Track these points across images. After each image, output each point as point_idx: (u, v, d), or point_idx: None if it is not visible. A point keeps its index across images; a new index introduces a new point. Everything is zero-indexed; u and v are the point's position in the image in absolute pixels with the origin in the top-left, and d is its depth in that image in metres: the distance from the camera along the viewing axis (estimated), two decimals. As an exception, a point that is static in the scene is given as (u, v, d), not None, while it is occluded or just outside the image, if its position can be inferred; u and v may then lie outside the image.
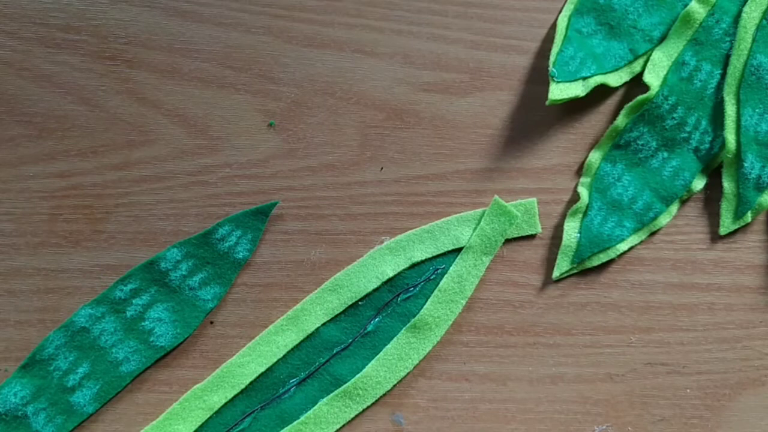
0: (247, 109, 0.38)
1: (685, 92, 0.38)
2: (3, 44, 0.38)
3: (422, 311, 0.37)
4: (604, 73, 0.38)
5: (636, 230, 0.38)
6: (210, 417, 0.36)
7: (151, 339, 0.36)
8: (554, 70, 0.37)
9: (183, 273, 0.36)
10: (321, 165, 0.38)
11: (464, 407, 0.37)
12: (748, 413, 0.37)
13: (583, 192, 0.38)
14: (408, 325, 0.37)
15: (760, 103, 0.38)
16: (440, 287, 0.37)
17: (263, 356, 0.36)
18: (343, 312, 0.37)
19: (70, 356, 0.35)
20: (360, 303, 0.37)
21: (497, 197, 0.37)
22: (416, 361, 0.37)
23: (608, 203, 0.38)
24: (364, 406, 0.36)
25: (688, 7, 0.38)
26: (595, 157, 0.38)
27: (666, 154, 0.38)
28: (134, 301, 0.36)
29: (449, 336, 0.37)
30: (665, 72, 0.38)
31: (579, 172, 0.39)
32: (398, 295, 0.37)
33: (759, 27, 0.38)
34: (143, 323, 0.36)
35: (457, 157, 0.38)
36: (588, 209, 0.38)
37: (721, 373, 0.37)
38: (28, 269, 0.37)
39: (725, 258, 0.38)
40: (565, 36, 0.38)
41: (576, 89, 0.37)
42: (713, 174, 0.38)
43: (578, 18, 0.39)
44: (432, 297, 0.37)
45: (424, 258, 0.37)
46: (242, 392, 0.36)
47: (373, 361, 0.36)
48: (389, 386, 0.36)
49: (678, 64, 0.38)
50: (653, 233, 0.38)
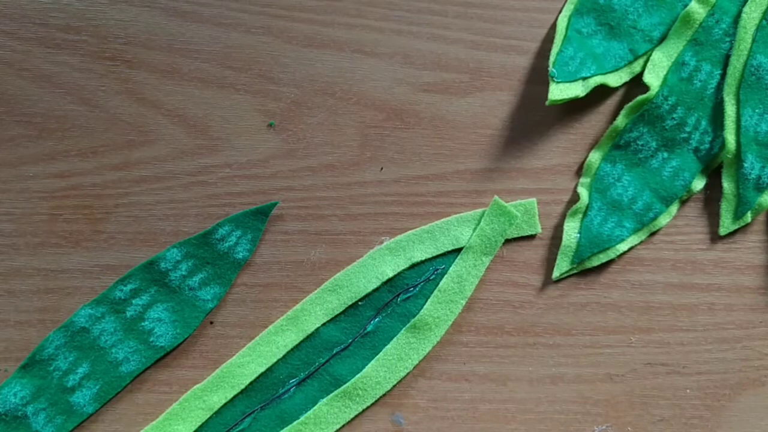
0: (247, 109, 0.38)
1: (685, 92, 0.38)
2: (3, 44, 0.38)
3: (422, 311, 0.37)
4: (604, 74, 0.38)
5: (636, 230, 0.38)
6: (210, 417, 0.36)
7: (151, 339, 0.36)
8: (554, 71, 0.37)
9: (183, 273, 0.36)
10: (321, 165, 0.38)
11: (464, 407, 0.37)
12: (748, 413, 0.37)
13: (583, 192, 0.38)
14: (408, 326, 0.37)
15: (760, 104, 0.38)
16: (440, 287, 0.37)
17: (263, 356, 0.36)
18: (343, 312, 0.37)
19: (70, 356, 0.35)
20: (360, 303, 0.37)
21: (497, 197, 0.37)
22: (416, 362, 0.37)
23: (608, 203, 0.38)
24: (364, 407, 0.36)
25: (688, 8, 0.38)
26: (595, 158, 0.38)
27: (666, 155, 0.38)
28: (134, 301, 0.36)
29: (449, 336, 0.37)
30: (665, 72, 0.38)
31: (579, 173, 0.39)
32: (398, 296, 0.37)
33: (759, 27, 0.38)
34: (143, 323, 0.36)
35: (457, 157, 0.38)
36: (588, 209, 0.38)
37: (721, 373, 0.37)
38: (28, 269, 0.37)
39: (725, 258, 0.38)
40: (565, 36, 0.38)
41: (576, 89, 0.37)
42: (713, 174, 0.38)
43: (578, 18, 0.39)
44: (432, 297, 0.37)
45: (424, 258, 0.37)
46: (242, 392, 0.36)
47: (373, 362, 0.36)
48: (389, 386, 0.36)
49: (678, 65, 0.38)
50: (653, 233, 0.38)
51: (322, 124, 0.38)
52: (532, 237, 0.38)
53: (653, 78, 0.38)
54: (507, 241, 0.38)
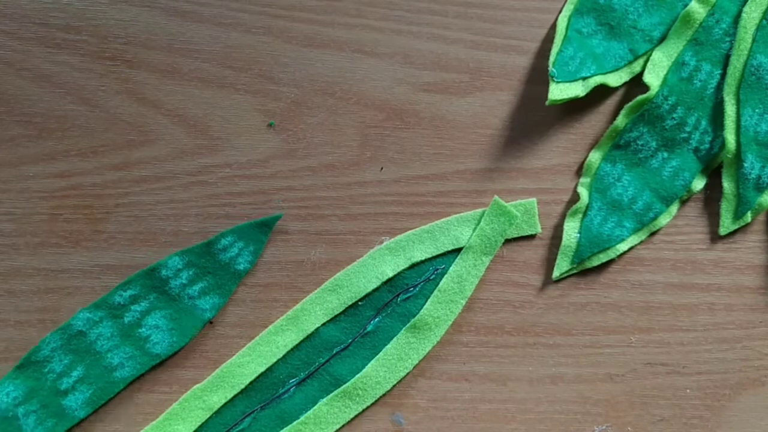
0: (247, 109, 0.38)
1: (685, 92, 0.38)
2: (3, 44, 0.38)
3: (422, 311, 0.37)
4: (604, 73, 0.38)
5: (636, 230, 0.38)
6: (210, 417, 0.36)
7: (147, 346, 0.36)
8: (554, 70, 0.37)
9: (183, 282, 0.36)
10: (321, 165, 0.38)
11: (464, 407, 0.37)
12: (748, 413, 0.37)
13: (583, 192, 0.38)
14: (408, 325, 0.37)
15: (760, 103, 0.38)
16: (440, 287, 0.37)
17: (263, 356, 0.36)
18: (343, 312, 0.37)
19: (65, 359, 0.35)
20: (360, 303, 0.37)
21: (497, 197, 0.37)
22: (416, 361, 0.37)
23: (608, 203, 0.38)
24: (364, 406, 0.36)
25: (688, 7, 0.38)
26: (595, 157, 0.38)
27: (666, 154, 0.38)
28: (133, 308, 0.36)
29: (449, 336, 0.37)
30: (665, 72, 0.38)
31: (579, 172, 0.39)
32: (398, 295, 0.37)
33: (759, 27, 0.38)
34: (140, 330, 0.36)
35: (457, 157, 0.38)
36: (588, 209, 0.38)
37: (721, 373, 0.37)
38: (28, 269, 0.37)
39: (725, 258, 0.38)
40: (565, 36, 0.38)
41: (576, 89, 0.37)
42: (713, 174, 0.38)
43: (578, 18, 0.39)
44: (432, 297, 0.37)
45: (424, 258, 0.37)
46: (242, 392, 0.36)
47: (373, 361, 0.36)
48: (389, 386, 0.36)
49: (678, 64, 0.38)
50: (653, 233, 0.38)
51: (322, 124, 0.38)
52: (532, 237, 0.38)
53: (653, 78, 0.38)
54: (507, 241, 0.38)
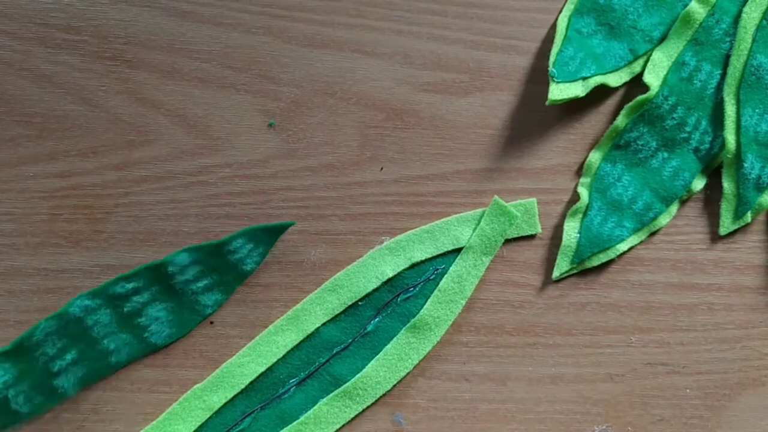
0: (247, 109, 0.38)
1: (685, 92, 0.38)
2: (3, 44, 0.38)
3: (422, 311, 0.37)
4: (604, 74, 0.38)
5: (636, 230, 0.38)
6: (210, 417, 0.36)
7: (145, 335, 0.36)
8: (554, 71, 0.37)
9: (188, 277, 0.36)
10: (321, 165, 0.38)
11: (464, 407, 0.37)
12: (748, 413, 0.37)
13: (583, 192, 0.38)
14: (408, 325, 0.37)
15: (760, 104, 0.38)
16: (440, 287, 0.37)
17: (263, 356, 0.36)
18: (343, 312, 0.37)
19: (59, 343, 0.35)
20: (360, 303, 0.37)
21: (497, 197, 0.37)
22: (416, 361, 0.37)
23: (608, 203, 0.38)
24: (364, 406, 0.36)
25: (688, 8, 0.38)
26: (595, 158, 0.38)
27: (666, 155, 0.38)
28: (134, 299, 0.36)
29: (449, 336, 0.37)
30: (665, 72, 0.38)
31: (579, 172, 0.39)
32: (398, 295, 0.37)
33: (759, 27, 0.38)
34: (140, 319, 0.36)
35: (457, 157, 0.38)
36: (588, 209, 0.38)
37: (721, 373, 0.37)
38: (28, 269, 0.37)
39: (725, 258, 0.38)
40: (565, 36, 0.38)
41: (576, 89, 0.37)
42: (713, 174, 0.38)
43: (578, 18, 0.39)
44: (432, 297, 0.37)
45: (424, 258, 0.37)
46: (242, 392, 0.36)
47: (373, 361, 0.36)
48: (389, 386, 0.36)
49: (678, 65, 0.38)
50: (653, 233, 0.38)
51: (322, 124, 0.38)
52: (532, 237, 0.38)
53: (653, 78, 0.38)
54: (507, 241, 0.38)
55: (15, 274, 0.37)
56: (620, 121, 0.38)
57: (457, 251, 0.38)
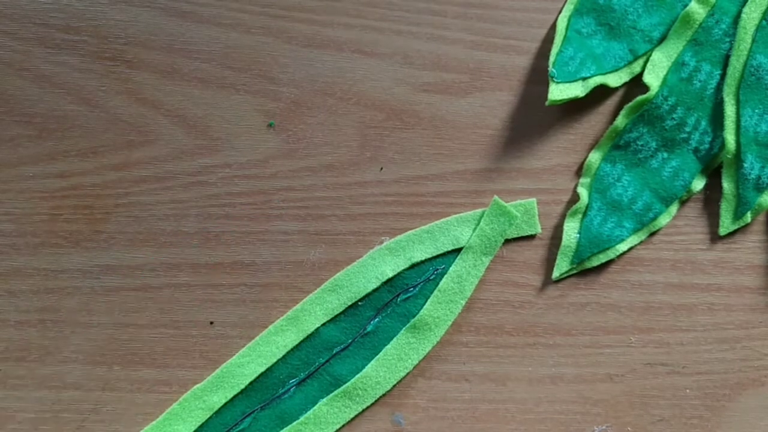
0: (247, 109, 0.38)
1: (685, 93, 0.38)
2: (3, 44, 0.38)
3: (422, 311, 0.37)
4: (604, 74, 0.38)
5: (636, 231, 0.38)
6: (210, 417, 0.36)
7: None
8: (554, 71, 0.37)
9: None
10: (321, 165, 0.38)
11: (464, 407, 0.37)
12: (748, 413, 0.37)
13: (583, 192, 0.38)
14: (408, 326, 0.37)
15: (760, 104, 0.38)
16: (440, 287, 0.37)
17: (263, 356, 0.36)
18: (343, 312, 0.37)
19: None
20: (360, 303, 0.37)
21: (497, 197, 0.37)
22: (416, 362, 0.37)
23: (608, 204, 0.38)
24: (364, 407, 0.36)
25: (688, 8, 0.38)
26: (595, 158, 0.38)
27: (666, 155, 0.38)
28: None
29: (449, 336, 0.37)
30: (665, 72, 0.38)
31: (579, 173, 0.39)
32: (398, 296, 0.37)
33: (759, 27, 0.38)
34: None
35: (457, 157, 0.38)
36: (588, 209, 0.38)
37: (721, 373, 0.37)
38: (28, 269, 0.37)
39: (725, 258, 0.38)
40: (565, 36, 0.38)
41: (576, 90, 0.37)
42: (713, 174, 0.38)
43: (578, 18, 0.39)
44: (432, 297, 0.37)
45: (424, 258, 0.37)
46: (242, 392, 0.36)
47: (373, 362, 0.36)
48: (389, 386, 0.36)
49: (678, 65, 0.38)
50: (653, 233, 0.38)
51: (322, 124, 0.38)
52: (532, 237, 0.38)
53: (653, 78, 0.38)
54: (507, 241, 0.38)
55: (15, 274, 0.37)
56: (620, 122, 0.38)
57: (457, 251, 0.38)
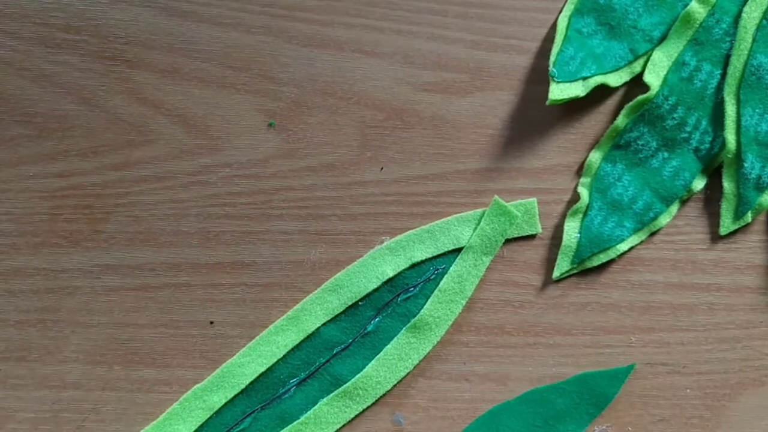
0: (247, 109, 0.38)
1: (686, 92, 0.38)
2: (3, 44, 0.38)
3: (422, 311, 0.37)
4: (604, 73, 0.38)
5: (636, 230, 0.38)
6: (210, 417, 0.36)
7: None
8: (554, 70, 0.37)
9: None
10: (321, 165, 0.38)
11: (464, 407, 0.37)
12: (748, 413, 0.37)
13: (583, 192, 0.38)
14: (408, 325, 0.37)
15: (760, 103, 0.38)
16: (440, 287, 0.37)
17: (263, 356, 0.36)
18: (343, 312, 0.37)
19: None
20: (360, 303, 0.37)
21: (497, 197, 0.37)
22: (416, 361, 0.37)
23: (608, 203, 0.38)
24: (364, 406, 0.36)
25: (688, 7, 0.38)
26: (595, 157, 0.38)
27: (666, 154, 0.38)
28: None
29: (449, 336, 0.37)
30: (665, 72, 0.38)
31: (579, 172, 0.39)
32: (398, 295, 0.37)
33: (759, 27, 0.38)
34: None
35: (457, 157, 0.38)
36: (588, 209, 0.38)
37: (721, 373, 0.37)
38: (28, 269, 0.37)
39: (725, 258, 0.38)
40: (565, 36, 0.38)
41: (576, 89, 0.37)
42: (713, 174, 0.38)
43: (578, 18, 0.39)
44: (432, 297, 0.37)
45: (424, 258, 0.37)
46: (242, 392, 0.36)
47: (373, 361, 0.36)
48: (389, 386, 0.36)
49: (678, 64, 0.38)
50: (653, 233, 0.38)
51: (322, 124, 0.38)
52: (532, 237, 0.38)
53: (653, 78, 0.38)
54: (507, 241, 0.38)
55: (15, 274, 0.37)
56: (620, 121, 0.38)
57: (458, 251, 0.38)
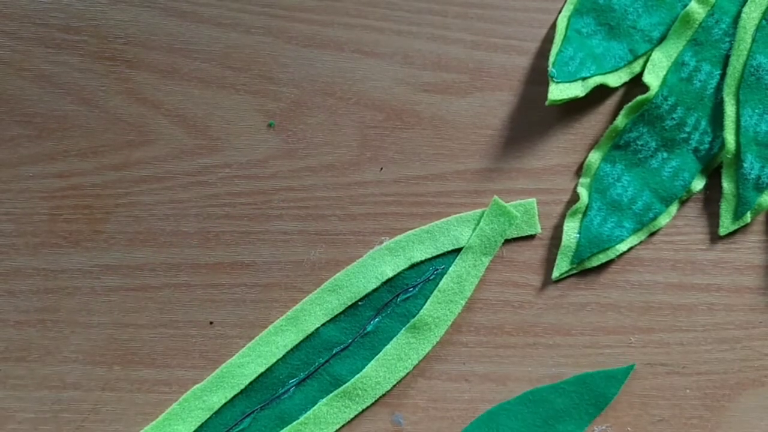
0: (247, 109, 0.38)
1: (685, 92, 0.38)
2: (3, 44, 0.38)
3: (422, 311, 0.37)
4: (604, 74, 0.38)
5: (635, 231, 0.38)
6: (210, 417, 0.36)
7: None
8: (554, 71, 0.37)
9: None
10: (321, 165, 0.38)
11: (464, 407, 0.37)
12: (748, 413, 0.37)
13: (583, 192, 0.38)
14: (407, 326, 0.37)
15: (760, 104, 0.38)
16: (440, 287, 0.37)
17: (263, 356, 0.36)
18: (343, 312, 0.37)
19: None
20: (359, 303, 0.37)
21: (497, 197, 0.37)
22: (416, 362, 0.37)
23: (608, 203, 0.38)
24: (364, 407, 0.36)
25: (688, 8, 0.38)
26: (595, 158, 0.38)
27: (665, 155, 0.38)
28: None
29: (449, 336, 0.37)
30: (665, 72, 0.38)
31: (579, 173, 0.39)
32: (398, 296, 0.37)
33: (759, 27, 0.38)
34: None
35: (457, 157, 0.38)
36: (587, 209, 0.38)
37: (721, 374, 0.37)
38: (28, 269, 0.37)
39: (725, 258, 0.38)
40: (565, 36, 0.38)
41: (576, 89, 0.37)
42: (713, 174, 0.38)
43: (578, 18, 0.39)
44: (431, 297, 0.37)
45: (424, 258, 0.37)
46: (242, 392, 0.36)
47: (373, 362, 0.36)
48: (389, 386, 0.36)
49: (678, 65, 0.38)
50: (653, 234, 0.38)
51: (322, 124, 0.38)
52: (532, 237, 0.38)
53: (653, 78, 0.38)
54: (507, 241, 0.38)
55: (15, 274, 0.37)
56: (620, 121, 0.38)
57: (457, 251, 0.38)
